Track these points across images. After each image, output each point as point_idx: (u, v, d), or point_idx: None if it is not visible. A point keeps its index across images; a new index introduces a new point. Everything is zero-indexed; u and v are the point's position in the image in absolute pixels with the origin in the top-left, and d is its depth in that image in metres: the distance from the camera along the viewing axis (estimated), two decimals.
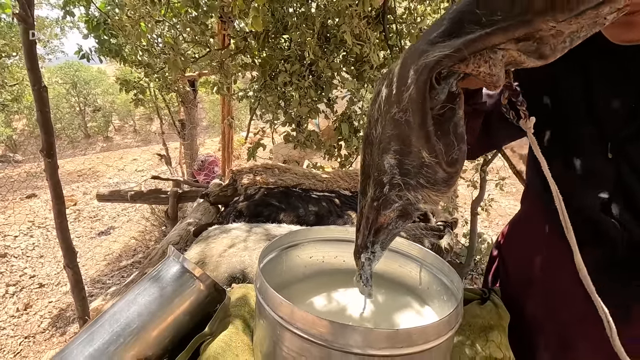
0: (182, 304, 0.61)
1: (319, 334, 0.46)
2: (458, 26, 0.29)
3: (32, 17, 2.19)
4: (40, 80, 2.30)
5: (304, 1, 2.43)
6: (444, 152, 0.34)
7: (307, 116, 2.57)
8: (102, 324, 0.58)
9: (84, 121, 19.56)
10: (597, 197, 0.58)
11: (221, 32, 2.50)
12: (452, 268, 0.62)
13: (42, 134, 2.37)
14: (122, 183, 8.61)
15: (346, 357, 0.46)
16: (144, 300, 0.60)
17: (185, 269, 0.63)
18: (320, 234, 0.76)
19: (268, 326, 0.53)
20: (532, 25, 0.26)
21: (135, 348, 0.56)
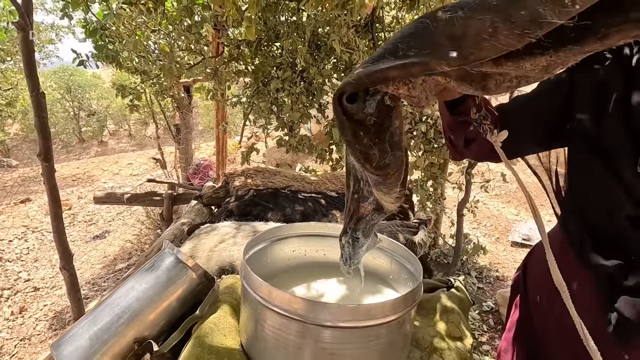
0: (175, 290, 0.69)
1: (294, 311, 0.53)
2: (380, 56, 0.36)
3: (30, 26, 2.26)
4: (38, 87, 2.36)
5: (295, 11, 2.52)
6: (377, 157, 0.40)
7: (299, 121, 2.65)
8: (104, 308, 0.65)
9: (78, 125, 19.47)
10: (626, 212, 0.58)
11: (215, 40, 2.58)
12: (416, 258, 0.70)
13: (39, 138, 2.43)
14: (117, 187, 8.60)
15: (319, 329, 0.53)
16: (142, 287, 0.67)
17: (178, 260, 0.70)
18: (303, 230, 0.83)
19: (251, 308, 0.60)
20: (428, 66, 0.33)
21: (134, 328, 0.63)
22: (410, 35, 0.35)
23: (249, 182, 1.50)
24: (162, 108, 4.26)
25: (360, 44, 2.40)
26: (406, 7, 2.58)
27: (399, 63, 0.33)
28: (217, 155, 3.20)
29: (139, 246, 4.31)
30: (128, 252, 4.43)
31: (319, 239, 0.84)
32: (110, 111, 20.77)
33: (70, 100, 20.06)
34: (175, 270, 0.70)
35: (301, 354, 0.55)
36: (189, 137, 4.24)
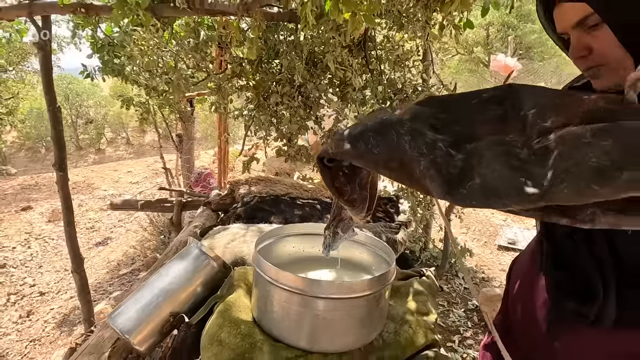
0: (200, 276, 0.86)
1: (297, 287, 0.71)
2: (356, 137, 0.50)
3: (49, 46, 2.45)
4: (55, 102, 2.55)
5: (293, 31, 2.72)
6: (349, 192, 0.58)
7: (297, 132, 2.84)
8: (144, 290, 0.82)
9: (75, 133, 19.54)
10: (562, 228, 0.65)
11: (219, 57, 2.77)
12: (391, 250, 0.88)
13: (55, 149, 2.61)
14: (117, 195, 8.73)
15: (315, 300, 0.71)
16: (174, 274, 0.84)
17: (202, 252, 0.88)
18: (301, 230, 1.01)
19: (262, 287, 0.77)
20: (376, 168, 0.52)
21: (169, 305, 0.80)
22: (375, 132, 0.51)
23: (252, 190, 1.68)
24: (164, 119, 4.44)
25: (353, 63, 2.60)
26: (396, 27, 2.78)
27: (363, 154, 0.49)
28: (219, 164, 3.38)
29: (142, 252, 4.45)
30: (131, 258, 4.57)
31: (314, 237, 1.02)
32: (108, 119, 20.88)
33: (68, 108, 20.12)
34: (199, 260, 0.87)
35: (301, 319, 0.72)
36: (191, 147, 4.41)
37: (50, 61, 2.44)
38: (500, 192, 0.40)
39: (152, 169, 11.90)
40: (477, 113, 0.46)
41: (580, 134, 0.38)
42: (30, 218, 7.37)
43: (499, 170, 0.40)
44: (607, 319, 0.59)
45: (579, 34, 0.60)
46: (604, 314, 0.60)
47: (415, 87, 2.79)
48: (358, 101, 2.76)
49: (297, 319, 0.73)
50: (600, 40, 0.58)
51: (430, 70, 2.85)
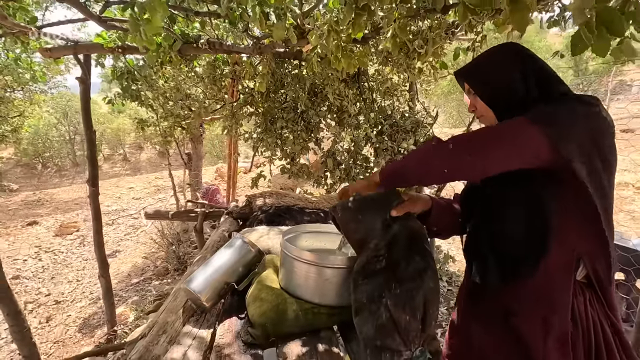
0: (243, 258, 1.23)
1: (313, 260, 1.08)
2: (350, 216, 0.96)
3: (89, 80, 2.85)
4: (91, 127, 2.94)
5: (297, 66, 3.16)
6: (352, 233, 0.99)
7: (300, 153, 3.24)
8: (207, 267, 1.19)
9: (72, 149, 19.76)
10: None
11: (231, 88, 3.19)
12: None
13: (89, 167, 2.98)
14: (121, 210, 9.02)
15: (325, 269, 1.08)
16: (226, 257, 1.21)
17: (244, 242, 1.25)
18: (312, 229, 1.38)
19: (288, 264, 1.14)
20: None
21: (224, 276, 1.17)
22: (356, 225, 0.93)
23: (266, 202, 2.06)
24: (175, 139, 4.82)
25: (348, 93, 3.04)
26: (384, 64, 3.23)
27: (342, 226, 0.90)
28: (229, 181, 3.75)
29: (153, 262, 4.75)
30: (141, 269, 4.85)
31: (321, 234, 1.39)
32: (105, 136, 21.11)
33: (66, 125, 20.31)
34: (242, 248, 1.24)
35: (315, 283, 1.09)
36: (199, 164, 4.79)
37: (89, 92, 2.85)
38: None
39: (153, 185, 12.21)
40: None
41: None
42: (37, 232, 7.63)
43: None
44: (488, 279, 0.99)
45: (471, 97, 1.03)
46: (486, 277, 0.99)
47: (403, 114, 3.23)
48: (353, 125, 3.18)
49: (313, 283, 1.09)
50: (479, 103, 1.01)
51: (415, 99, 3.28)
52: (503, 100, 0.95)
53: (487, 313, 1.04)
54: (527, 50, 0.96)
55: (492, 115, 0.98)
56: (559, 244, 0.86)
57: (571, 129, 0.80)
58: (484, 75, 0.98)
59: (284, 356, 0.96)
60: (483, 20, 1.71)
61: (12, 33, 2.22)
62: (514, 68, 0.93)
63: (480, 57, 1.01)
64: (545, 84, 0.91)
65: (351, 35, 1.46)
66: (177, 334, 1.03)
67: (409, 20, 1.91)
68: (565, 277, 0.87)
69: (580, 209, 0.84)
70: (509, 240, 0.94)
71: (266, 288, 1.13)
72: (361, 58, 2.13)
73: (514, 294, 0.96)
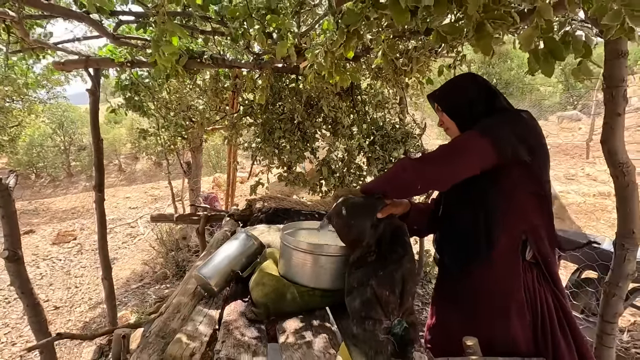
0: (247, 250, 1.39)
1: (308, 248, 1.24)
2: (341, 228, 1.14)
3: (98, 92, 3.02)
4: (99, 135, 3.10)
5: (294, 80, 3.36)
6: (344, 234, 1.16)
7: (296, 161, 3.42)
8: (215, 257, 1.35)
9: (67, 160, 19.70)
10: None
11: (232, 99, 3.38)
12: None
13: (96, 173, 3.13)
14: (118, 220, 9.09)
15: (319, 257, 1.24)
16: (232, 248, 1.37)
17: (248, 236, 1.41)
18: (307, 226, 1.55)
19: (287, 254, 1.30)
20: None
21: (230, 264, 1.33)
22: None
23: (265, 205, 2.22)
24: (175, 149, 4.99)
25: (342, 105, 3.24)
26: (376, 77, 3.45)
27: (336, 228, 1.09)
28: (228, 188, 3.91)
29: (152, 267, 4.84)
30: (139, 275, 4.94)
31: (316, 230, 1.56)
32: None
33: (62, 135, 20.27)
34: (246, 241, 1.40)
35: (310, 269, 1.25)
36: (198, 173, 4.94)
37: (97, 103, 3.02)
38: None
39: (149, 194, 12.27)
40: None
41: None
42: (34, 241, 7.66)
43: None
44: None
45: (439, 113, 1.26)
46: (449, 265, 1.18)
47: (394, 125, 3.43)
48: (347, 136, 3.37)
49: (309, 269, 1.25)
50: (444, 117, 1.25)
51: (405, 111, 3.49)
52: (462, 115, 1.19)
53: (454, 294, 1.23)
54: (480, 77, 1.23)
55: (455, 128, 1.22)
56: (505, 232, 1.05)
57: (505, 132, 1.03)
58: (448, 97, 1.24)
59: (282, 330, 1.11)
60: (461, 42, 1.92)
61: (32, 49, 2.39)
62: (469, 91, 1.19)
63: (446, 84, 1.27)
64: (491, 102, 1.16)
65: (343, 54, 1.66)
66: (190, 313, 1.19)
67: (396, 41, 2.12)
68: (515, 259, 1.05)
69: (521, 198, 1.03)
70: (461, 236, 1.13)
71: (267, 275, 1.29)
72: (353, 74, 2.34)
73: (473, 277, 1.14)
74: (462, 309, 1.17)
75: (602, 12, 0.96)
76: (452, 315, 1.20)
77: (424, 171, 1.07)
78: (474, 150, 1.02)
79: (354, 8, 1.40)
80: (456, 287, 1.20)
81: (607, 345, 1.68)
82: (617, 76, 1.44)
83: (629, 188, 1.50)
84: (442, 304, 1.29)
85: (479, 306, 1.12)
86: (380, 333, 0.96)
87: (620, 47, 1.38)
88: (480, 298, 1.11)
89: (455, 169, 1.04)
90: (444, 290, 1.28)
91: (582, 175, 7.29)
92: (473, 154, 1.02)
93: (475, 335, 1.08)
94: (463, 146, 1.05)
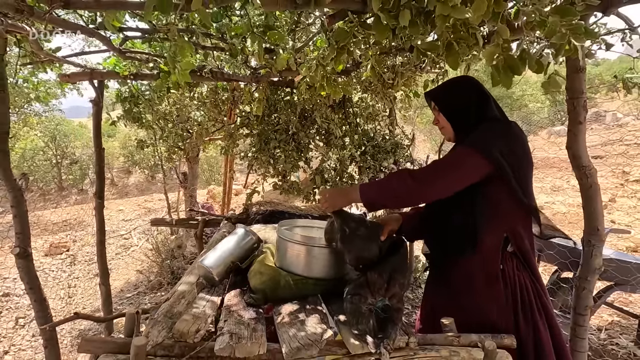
0: (245, 244, 1.51)
1: (302, 240, 1.37)
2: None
3: (102, 102, 3.15)
4: (101, 144, 3.22)
5: (289, 93, 3.53)
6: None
7: (290, 170, 3.56)
8: (217, 250, 1.47)
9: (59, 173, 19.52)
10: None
11: (230, 111, 3.53)
12: None
13: (97, 181, 3.23)
14: (111, 231, 9.07)
15: (312, 248, 1.36)
16: (232, 243, 1.49)
17: (247, 231, 1.54)
18: (302, 223, 1.68)
19: (282, 245, 1.43)
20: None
21: (231, 257, 1.44)
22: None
23: (261, 209, 2.35)
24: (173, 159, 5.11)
25: (335, 117, 3.41)
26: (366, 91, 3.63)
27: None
28: (224, 197, 4.02)
29: (147, 276, 4.87)
30: (134, 284, 4.96)
31: (309, 228, 1.69)
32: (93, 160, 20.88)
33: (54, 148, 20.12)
34: (244, 235, 1.53)
35: (304, 260, 1.37)
36: (195, 183, 5.05)
37: (100, 113, 3.15)
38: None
39: (143, 207, 12.26)
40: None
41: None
42: None
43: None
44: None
45: (435, 112, 1.36)
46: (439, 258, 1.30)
47: (384, 136, 3.60)
48: (339, 146, 3.53)
49: (303, 260, 1.38)
50: (441, 117, 1.34)
51: (395, 123, 3.68)
52: (458, 117, 1.29)
53: (440, 279, 1.36)
54: (476, 81, 1.33)
55: (450, 128, 1.32)
56: (489, 234, 1.18)
57: (494, 142, 1.14)
58: (447, 98, 1.33)
59: (278, 312, 1.23)
60: (442, 59, 2.11)
61: (42, 62, 2.53)
62: (467, 95, 1.28)
63: (446, 85, 1.38)
64: (484, 108, 1.26)
65: (334, 68, 1.82)
66: (194, 299, 1.30)
67: (383, 56, 2.30)
68: (496, 251, 1.18)
69: (505, 205, 1.17)
70: (450, 237, 1.25)
71: (264, 265, 1.41)
72: (345, 87, 2.51)
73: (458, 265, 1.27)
74: (448, 292, 1.30)
75: (551, 33, 1.13)
76: (439, 299, 1.33)
77: (427, 187, 1.14)
78: (469, 166, 1.12)
79: (344, 27, 1.58)
80: (442, 273, 1.34)
81: (580, 336, 1.80)
82: (577, 89, 1.62)
83: (592, 189, 1.66)
84: (431, 288, 1.42)
85: (462, 288, 1.24)
86: (364, 307, 1.08)
87: (577, 64, 1.57)
88: (463, 281, 1.24)
89: (452, 184, 1.13)
90: (432, 277, 1.41)
91: (568, 187, 7.54)
92: (469, 169, 1.13)
93: (459, 314, 1.21)
94: (459, 162, 1.15)
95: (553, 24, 1.10)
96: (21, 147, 17.04)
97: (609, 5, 1.35)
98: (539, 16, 1.12)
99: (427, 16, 1.23)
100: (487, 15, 1.12)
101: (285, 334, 1.07)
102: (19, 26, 1.86)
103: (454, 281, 1.30)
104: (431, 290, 1.44)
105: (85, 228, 10.00)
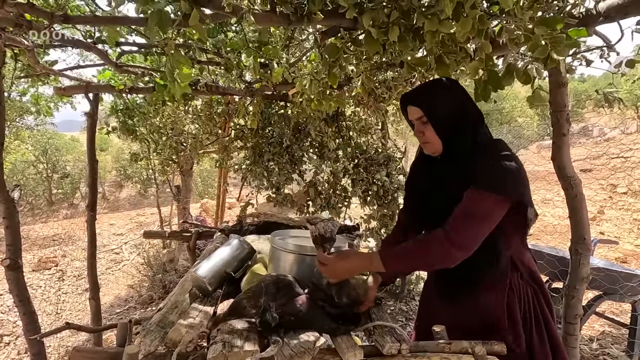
0: (239, 254, 1.52)
1: (295, 250, 1.39)
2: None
3: (96, 115, 3.17)
4: (94, 156, 3.22)
5: (283, 107, 3.59)
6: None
7: (284, 183, 3.58)
8: (211, 259, 1.47)
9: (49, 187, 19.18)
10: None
11: (225, 124, 3.57)
12: (345, 240, 1.58)
13: (89, 194, 3.22)
14: (102, 246, 8.93)
15: (304, 257, 1.38)
16: (225, 252, 1.50)
17: (240, 241, 1.55)
18: (296, 234, 1.70)
19: (276, 256, 1.44)
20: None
21: (224, 267, 1.45)
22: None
23: (255, 220, 2.35)
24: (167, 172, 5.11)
25: (328, 130, 3.46)
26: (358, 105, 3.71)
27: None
28: (217, 209, 4.02)
29: (137, 290, 4.79)
30: (124, 299, 4.86)
31: (302, 238, 1.70)
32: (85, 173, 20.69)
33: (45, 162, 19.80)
34: (238, 245, 1.54)
35: (296, 267, 1.39)
36: (188, 196, 5.04)
37: (95, 125, 3.16)
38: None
39: (134, 221, 12.11)
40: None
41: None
42: None
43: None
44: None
45: (418, 124, 1.18)
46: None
47: (376, 149, 3.66)
48: (332, 159, 3.57)
49: (295, 267, 1.39)
50: (428, 130, 1.16)
51: (387, 136, 3.74)
52: (451, 131, 1.16)
53: (453, 292, 1.31)
54: (462, 87, 1.23)
55: (439, 144, 1.19)
56: (503, 259, 1.18)
57: (516, 184, 1.07)
58: (438, 108, 1.16)
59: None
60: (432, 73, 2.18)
61: (37, 75, 2.56)
62: (461, 105, 1.18)
63: (434, 89, 1.20)
64: (478, 124, 1.19)
65: (328, 83, 1.87)
66: (186, 309, 1.30)
67: (375, 72, 2.37)
68: (506, 268, 1.18)
69: (515, 235, 1.18)
70: (472, 264, 1.14)
71: (257, 275, 1.42)
72: (338, 101, 2.57)
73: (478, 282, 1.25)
74: (461, 301, 1.26)
75: (534, 48, 1.19)
76: (449, 310, 1.30)
77: (464, 252, 1.07)
78: (499, 215, 1.08)
79: (336, 42, 1.63)
80: (439, 282, 1.35)
81: (570, 345, 1.82)
82: (560, 102, 1.68)
83: (577, 199, 1.71)
84: (436, 302, 1.38)
85: (477, 300, 1.21)
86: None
87: (559, 79, 1.64)
88: (477, 294, 1.21)
89: (484, 232, 1.08)
90: (441, 288, 1.36)
91: (558, 199, 7.64)
92: (498, 217, 1.08)
93: (456, 320, 1.22)
94: (491, 214, 1.07)
95: (535, 37, 1.16)
96: (11, 161, 16.81)
97: (586, 23, 1.42)
98: (524, 31, 1.17)
99: (415, 32, 1.29)
100: (472, 32, 1.18)
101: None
102: (17, 40, 1.89)
103: (451, 287, 1.29)
104: (434, 302, 1.41)
105: (75, 242, 9.83)
